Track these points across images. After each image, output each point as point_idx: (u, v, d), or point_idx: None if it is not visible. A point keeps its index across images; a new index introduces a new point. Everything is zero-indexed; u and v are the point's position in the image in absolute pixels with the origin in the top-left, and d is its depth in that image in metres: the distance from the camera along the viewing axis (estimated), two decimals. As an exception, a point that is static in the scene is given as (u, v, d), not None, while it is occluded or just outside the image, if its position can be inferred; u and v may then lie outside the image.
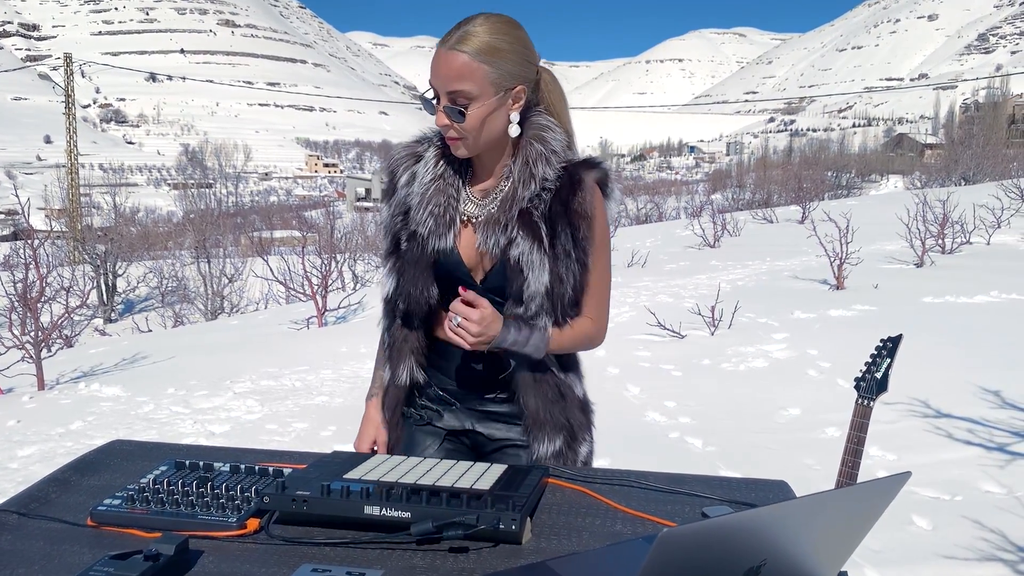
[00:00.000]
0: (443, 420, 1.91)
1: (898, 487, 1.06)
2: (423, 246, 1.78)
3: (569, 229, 1.74)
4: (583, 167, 1.78)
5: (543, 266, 1.73)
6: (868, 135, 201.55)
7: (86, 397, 6.98)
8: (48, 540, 1.35)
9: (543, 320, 1.75)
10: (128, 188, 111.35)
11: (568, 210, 1.74)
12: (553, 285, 1.74)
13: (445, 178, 1.79)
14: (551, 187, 1.75)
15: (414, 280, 1.79)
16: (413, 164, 1.83)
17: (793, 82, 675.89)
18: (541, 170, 1.74)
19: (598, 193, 1.78)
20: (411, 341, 1.87)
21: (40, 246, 10.17)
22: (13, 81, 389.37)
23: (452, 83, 1.65)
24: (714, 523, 0.91)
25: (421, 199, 1.79)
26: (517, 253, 1.73)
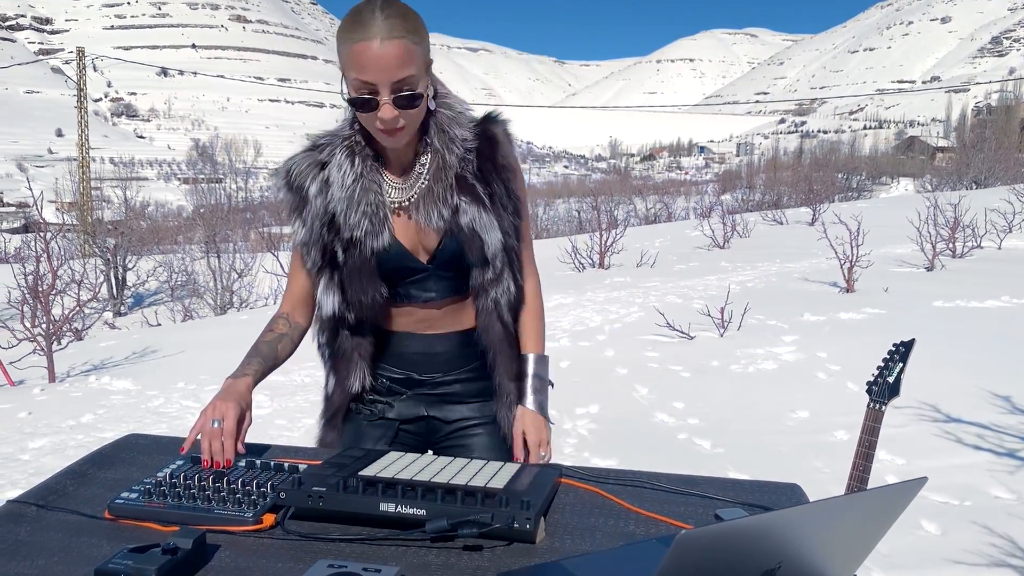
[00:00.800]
0: (394, 411, 1.89)
1: (914, 492, 1.06)
2: (363, 250, 1.74)
3: (501, 183, 1.78)
4: (489, 123, 1.80)
5: (493, 224, 1.76)
6: (879, 137, 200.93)
7: (97, 390, 7.01)
8: (66, 532, 1.37)
9: (506, 275, 1.80)
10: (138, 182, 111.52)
11: (495, 165, 1.77)
12: (506, 239, 1.78)
13: (365, 175, 1.75)
14: (471, 146, 1.76)
15: (363, 288, 1.76)
16: (319, 172, 1.77)
17: (804, 83, 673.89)
18: (459, 132, 1.75)
19: (512, 143, 1.82)
20: (363, 347, 1.83)
21: (52, 239, 10.22)
22: (26, 74, 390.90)
23: (398, 72, 1.58)
24: (730, 526, 0.92)
25: (349, 202, 1.73)
26: (468, 219, 1.74)
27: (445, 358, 1.85)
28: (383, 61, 1.57)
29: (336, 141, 1.78)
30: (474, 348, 1.86)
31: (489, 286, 1.79)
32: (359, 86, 1.60)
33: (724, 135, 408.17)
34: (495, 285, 1.79)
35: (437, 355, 1.85)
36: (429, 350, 1.85)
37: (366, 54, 1.57)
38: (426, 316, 1.83)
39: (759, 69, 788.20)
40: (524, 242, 1.87)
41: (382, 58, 1.56)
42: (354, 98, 1.62)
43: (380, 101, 1.60)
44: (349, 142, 1.77)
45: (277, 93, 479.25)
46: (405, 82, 1.60)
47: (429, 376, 1.87)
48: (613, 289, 10.95)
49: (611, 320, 8.64)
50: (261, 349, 1.81)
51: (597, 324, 8.43)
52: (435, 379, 1.87)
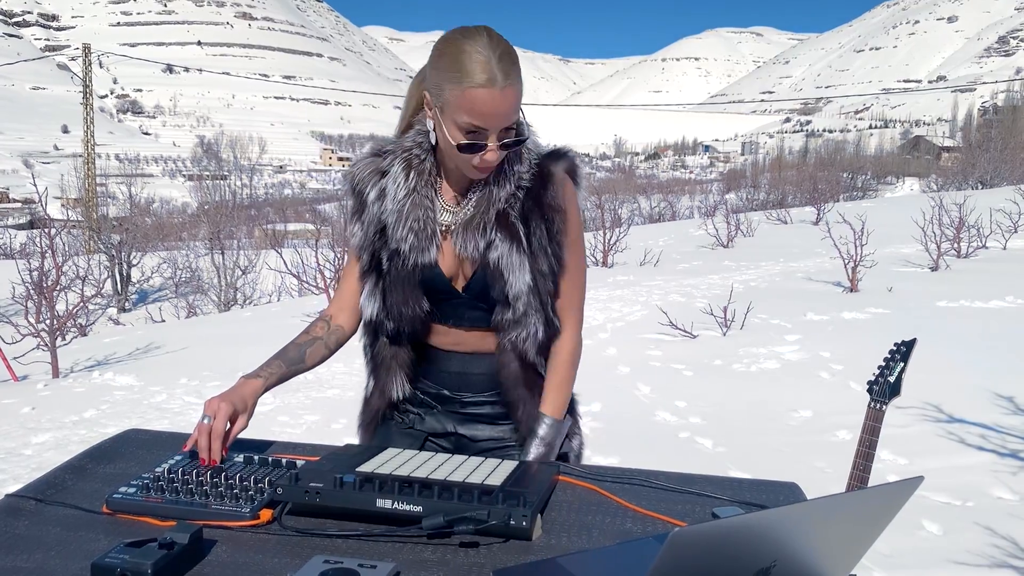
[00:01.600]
0: (424, 423, 1.89)
1: (910, 491, 1.06)
2: (406, 263, 1.73)
3: (543, 223, 1.73)
4: (552, 159, 1.76)
5: (523, 266, 1.71)
6: (885, 137, 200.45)
7: (100, 385, 7.03)
8: (64, 526, 1.37)
9: (533, 319, 1.74)
10: (144, 179, 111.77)
11: (541, 204, 1.72)
12: (536, 282, 1.73)
13: (419, 191, 1.74)
14: (525, 184, 1.73)
15: (404, 299, 1.75)
16: (379, 179, 1.77)
17: (810, 82, 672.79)
18: (515, 168, 1.72)
19: (569, 184, 1.77)
20: (400, 356, 1.83)
21: (56, 235, 10.24)
22: (32, 71, 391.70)
23: (512, 118, 1.59)
24: (726, 523, 0.92)
25: (399, 216, 1.73)
26: (496, 256, 1.70)
27: (478, 379, 1.83)
28: (502, 109, 1.56)
29: (397, 152, 1.77)
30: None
31: (508, 327, 1.75)
32: (468, 128, 1.58)
33: (729, 134, 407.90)
34: (515, 327, 1.75)
35: (471, 375, 1.84)
36: (464, 369, 1.83)
37: (485, 101, 1.55)
38: (460, 339, 1.81)
39: (764, 68, 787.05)
40: (572, 286, 1.81)
41: (501, 106, 1.56)
42: (463, 144, 1.59)
43: (488, 145, 1.60)
44: (408, 155, 1.75)
45: (282, 90, 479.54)
46: (513, 126, 1.61)
47: (460, 395, 1.85)
48: (616, 287, 10.95)
49: (614, 318, 8.64)
50: (288, 352, 1.80)
51: (600, 322, 8.42)
52: (465, 398, 1.85)
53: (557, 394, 1.80)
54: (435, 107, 1.63)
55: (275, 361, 1.76)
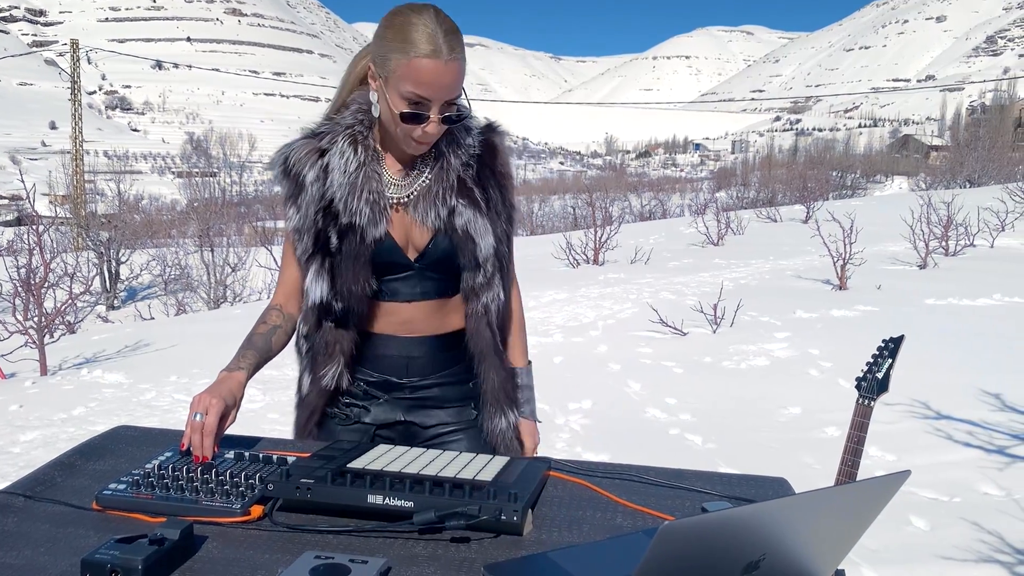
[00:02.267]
0: (371, 415, 1.86)
1: (897, 486, 1.07)
2: (362, 238, 1.73)
3: (499, 191, 1.82)
4: (492, 132, 1.85)
5: (487, 229, 1.78)
6: (874, 135, 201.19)
7: (88, 383, 7.00)
8: (54, 523, 1.36)
9: (497, 281, 1.81)
10: (132, 175, 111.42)
11: (495, 173, 1.82)
12: (498, 245, 1.80)
13: (368, 164, 1.75)
14: (474, 152, 1.80)
15: (355, 276, 1.74)
16: (319, 158, 1.76)
17: (800, 81, 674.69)
18: (467, 139, 1.79)
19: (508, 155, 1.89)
20: (344, 342, 1.79)
21: (44, 232, 10.19)
22: (19, 66, 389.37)
23: (454, 91, 1.63)
24: (714, 517, 0.92)
25: (352, 188, 1.73)
26: (463, 221, 1.75)
27: (424, 362, 1.83)
28: (446, 80, 1.59)
29: (337, 129, 1.77)
30: (455, 352, 1.85)
31: (480, 291, 1.79)
32: (412, 98, 1.61)
33: (719, 132, 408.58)
34: (486, 290, 1.79)
35: (416, 359, 1.83)
36: (408, 353, 1.82)
37: (430, 71, 1.58)
38: (409, 317, 1.80)
39: (755, 67, 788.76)
40: (511, 251, 1.90)
41: (445, 76, 1.59)
42: (406, 112, 1.62)
43: (430, 117, 1.63)
44: (352, 131, 1.76)
45: (272, 87, 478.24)
46: (456, 100, 1.64)
47: (407, 380, 1.84)
48: (607, 285, 10.97)
49: (604, 316, 8.65)
50: (255, 342, 1.79)
51: (591, 320, 8.44)
52: (413, 383, 1.84)
53: (521, 347, 1.99)
54: (379, 78, 1.65)
55: (248, 351, 1.76)
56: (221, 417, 1.58)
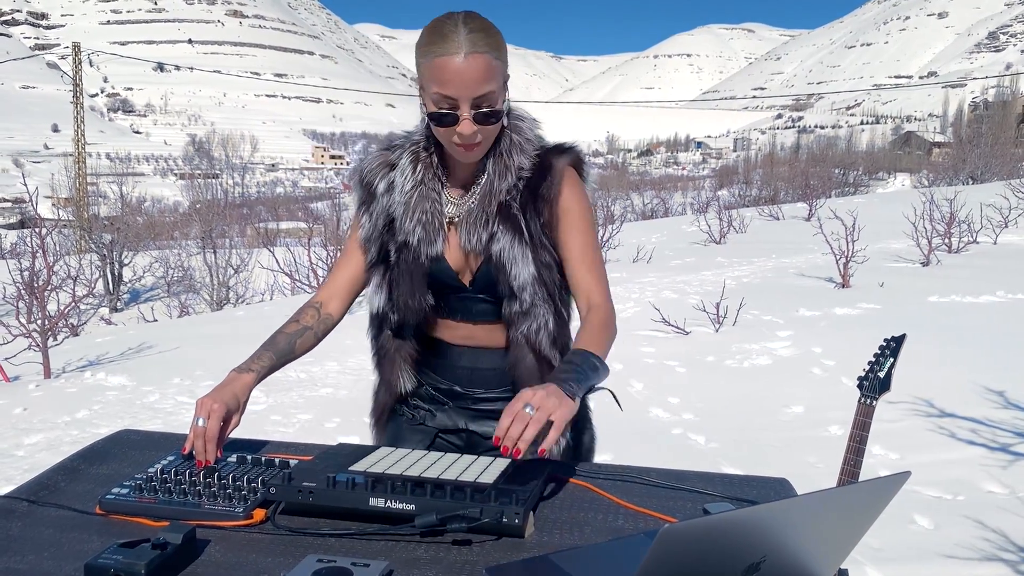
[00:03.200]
0: (435, 419, 1.89)
1: (898, 486, 1.07)
2: (415, 255, 1.75)
3: (536, 216, 1.73)
4: (554, 153, 1.77)
5: (526, 257, 1.71)
6: (876, 133, 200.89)
7: (92, 386, 7.01)
8: (57, 527, 1.37)
9: (542, 310, 1.73)
10: (135, 177, 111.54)
11: (536, 196, 1.73)
12: (540, 273, 1.73)
13: (426, 183, 1.76)
14: (526, 176, 1.73)
15: (410, 291, 1.76)
16: (388, 172, 1.79)
17: (801, 79, 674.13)
18: (516, 160, 1.73)
19: (571, 175, 1.77)
20: (404, 349, 1.84)
21: (47, 235, 10.21)
22: (22, 70, 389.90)
23: (480, 87, 1.58)
24: (715, 519, 0.92)
25: (406, 208, 1.75)
26: (498, 248, 1.71)
27: (490, 375, 1.83)
28: (466, 76, 1.56)
29: (406, 144, 1.79)
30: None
31: (517, 319, 1.74)
32: (439, 100, 1.59)
33: (721, 130, 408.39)
34: (524, 319, 1.73)
35: (483, 371, 1.83)
36: (475, 365, 1.83)
37: (448, 68, 1.56)
38: (470, 333, 1.81)
39: (756, 64, 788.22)
40: (586, 269, 1.74)
41: (465, 73, 1.56)
42: (433, 113, 1.61)
43: (460, 116, 1.60)
44: (416, 147, 1.77)
45: (274, 88, 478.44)
46: (486, 98, 1.59)
47: (472, 390, 1.85)
48: (610, 284, 10.96)
49: (607, 315, 8.65)
50: (278, 342, 1.77)
51: (593, 319, 8.43)
52: (477, 394, 1.85)
53: (584, 337, 1.63)
54: (420, 89, 1.65)
55: (265, 353, 1.74)
56: (224, 421, 1.58)
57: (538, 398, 1.38)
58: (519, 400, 1.38)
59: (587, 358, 1.54)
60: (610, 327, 1.69)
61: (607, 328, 1.67)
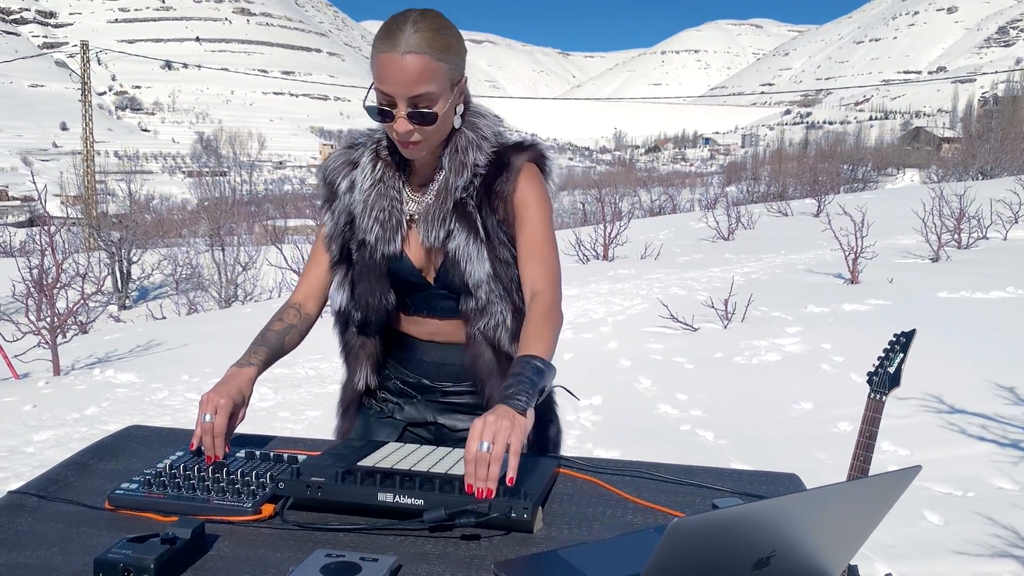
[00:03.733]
0: (403, 412, 1.89)
1: (908, 481, 1.06)
2: (374, 254, 1.76)
3: (492, 213, 1.72)
4: (513, 150, 1.76)
5: (481, 255, 1.71)
6: (885, 128, 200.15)
7: (101, 383, 7.03)
8: (66, 522, 1.37)
9: (499, 307, 1.73)
10: (143, 175, 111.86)
11: (491, 192, 1.72)
12: (496, 270, 1.72)
13: (384, 181, 1.76)
14: (481, 173, 1.73)
15: (371, 290, 1.77)
16: (351, 171, 1.80)
17: (810, 74, 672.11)
18: (472, 157, 1.72)
19: (529, 171, 1.74)
20: (368, 347, 1.84)
21: (56, 232, 10.23)
22: (30, 68, 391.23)
23: (415, 87, 1.57)
24: (724, 513, 0.92)
25: (364, 206, 1.75)
26: (454, 246, 1.71)
27: (458, 369, 1.83)
28: (402, 75, 1.56)
29: (368, 143, 1.80)
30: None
31: (474, 315, 1.74)
32: (379, 96, 1.61)
33: (729, 126, 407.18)
34: (482, 316, 1.74)
35: (451, 365, 1.83)
36: (442, 360, 1.83)
37: (388, 65, 1.57)
38: (437, 329, 1.82)
39: (764, 60, 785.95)
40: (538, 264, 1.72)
41: (401, 72, 1.56)
42: (371, 107, 1.62)
43: (396, 114, 1.60)
44: (376, 146, 1.78)
45: (281, 86, 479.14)
46: (422, 98, 1.59)
47: (440, 384, 1.85)
48: (617, 281, 10.95)
49: (615, 312, 8.64)
50: (269, 339, 1.79)
51: (601, 316, 8.43)
52: (445, 388, 1.85)
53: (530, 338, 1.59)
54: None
55: (260, 348, 1.76)
56: (231, 416, 1.58)
57: (489, 432, 1.34)
58: (472, 440, 1.34)
59: (529, 364, 1.51)
60: (552, 317, 1.65)
61: (549, 318, 1.64)
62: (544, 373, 1.50)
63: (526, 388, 1.45)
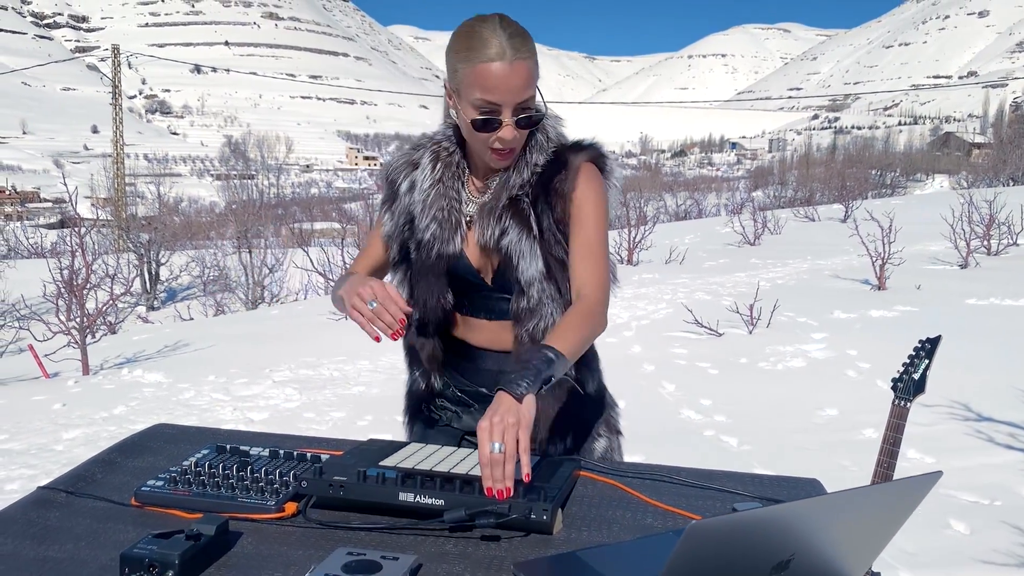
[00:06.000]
0: (461, 421, 1.88)
1: (929, 486, 1.06)
2: (433, 253, 1.76)
3: (549, 210, 1.71)
4: (571, 150, 1.76)
5: (534, 252, 1.70)
6: (914, 134, 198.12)
7: (129, 382, 7.12)
8: (94, 518, 1.40)
9: (550, 308, 1.71)
10: (172, 178, 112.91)
11: (548, 191, 1.71)
12: (550, 269, 1.71)
13: (444, 181, 1.77)
14: (539, 172, 1.73)
15: (429, 289, 1.77)
16: (411, 171, 1.81)
17: (838, 79, 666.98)
18: (535, 157, 1.72)
19: (588, 171, 1.74)
20: (427, 349, 1.84)
21: (86, 234, 10.38)
22: (63, 72, 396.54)
23: (525, 92, 1.59)
24: (743, 516, 0.92)
25: (423, 206, 1.77)
26: (507, 242, 1.71)
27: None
28: (512, 82, 1.57)
29: (428, 144, 1.82)
30: None
31: (524, 316, 1.72)
32: (482, 105, 1.59)
33: (756, 131, 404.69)
34: (531, 317, 1.72)
35: (508, 374, 1.82)
36: (501, 368, 1.80)
37: (493, 74, 1.56)
38: (493, 336, 1.80)
39: (792, 64, 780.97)
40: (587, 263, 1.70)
41: (511, 79, 1.57)
42: (476, 119, 1.61)
43: (503, 121, 1.60)
44: (437, 147, 1.79)
45: (309, 90, 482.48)
46: (526, 103, 1.61)
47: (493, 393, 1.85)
48: (641, 285, 10.93)
49: (639, 316, 8.62)
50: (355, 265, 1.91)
51: (624, 320, 8.41)
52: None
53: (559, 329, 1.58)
54: (453, 93, 1.66)
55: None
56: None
57: (497, 432, 1.34)
58: (483, 443, 1.34)
59: (539, 352, 1.49)
60: (591, 318, 1.63)
61: (586, 319, 1.62)
62: (554, 363, 1.48)
63: (530, 375, 1.44)
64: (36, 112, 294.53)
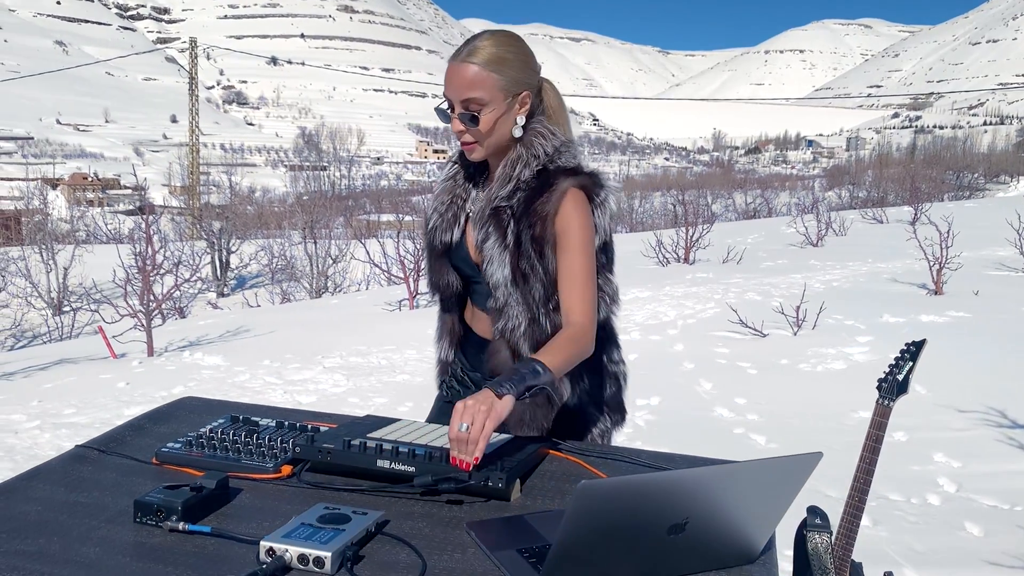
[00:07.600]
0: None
1: (810, 466, 1.20)
2: (435, 240, 1.99)
3: (529, 228, 1.83)
4: (563, 173, 1.85)
5: (503, 260, 1.85)
6: (999, 134, 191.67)
7: (189, 364, 7.49)
8: (119, 472, 1.62)
9: (515, 311, 1.85)
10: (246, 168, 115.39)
11: (529, 210, 1.83)
12: (516, 278, 1.84)
13: (456, 180, 2.00)
14: (524, 188, 1.86)
15: (437, 270, 2.01)
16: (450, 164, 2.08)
17: (920, 77, 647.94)
18: (519, 171, 1.85)
19: (574, 196, 1.82)
20: (448, 323, 2.09)
21: (154, 223, 10.85)
22: (144, 62, 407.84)
23: (464, 92, 1.80)
24: (630, 479, 1.09)
25: (434, 200, 2.03)
26: (486, 246, 1.88)
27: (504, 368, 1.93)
28: (454, 80, 1.82)
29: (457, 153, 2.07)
30: None
31: (494, 314, 1.90)
32: (444, 98, 1.87)
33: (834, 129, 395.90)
34: (500, 316, 1.88)
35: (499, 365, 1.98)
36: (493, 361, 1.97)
37: (448, 72, 1.83)
38: (489, 326, 1.96)
39: (872, 61, 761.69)
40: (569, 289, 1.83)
41: (454, 78, 1.82)
42: (438, 108, 1.89)
43: (451, 115, 1.85)
44: (461, 149, 2.01)
45: (381, 83, 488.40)
46: (472, 102, 1.81)
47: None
48: (693, 284, 10.97)
49: (685, 315, 8.70)
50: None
51: (671, 319, 8.50)
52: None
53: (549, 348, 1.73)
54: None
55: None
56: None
57: (468, 414, 1.49)
58: (454, 420, 1.49)
59: (529, 364, 1.64)
60: (578, 342, 1.77)
61: (573, 342, 1.76)
62: (540, 375, 1.62)
63: (515, 380, 1.59)
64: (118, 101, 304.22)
